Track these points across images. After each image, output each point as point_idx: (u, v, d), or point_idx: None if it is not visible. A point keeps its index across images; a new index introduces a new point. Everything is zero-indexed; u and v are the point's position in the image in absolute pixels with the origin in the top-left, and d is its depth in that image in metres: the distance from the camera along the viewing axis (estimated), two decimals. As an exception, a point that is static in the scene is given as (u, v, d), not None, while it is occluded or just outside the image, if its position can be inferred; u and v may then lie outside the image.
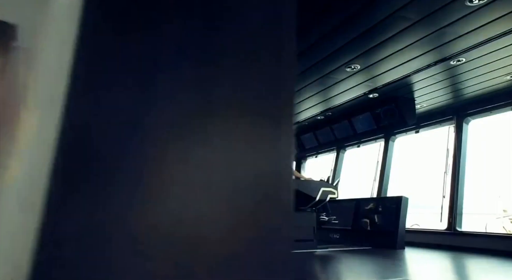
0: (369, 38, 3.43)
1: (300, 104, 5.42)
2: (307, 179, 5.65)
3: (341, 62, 3.90)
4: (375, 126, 6.48)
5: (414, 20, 3.28)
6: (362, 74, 4.30)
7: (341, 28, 3.23)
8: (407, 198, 5.94)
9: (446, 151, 6.60)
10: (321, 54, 3.74)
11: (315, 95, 4.98)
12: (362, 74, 4.30)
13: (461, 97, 5.90)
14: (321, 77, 4.34)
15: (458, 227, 5.76)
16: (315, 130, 7.82)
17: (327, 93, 4.94)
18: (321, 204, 5.58)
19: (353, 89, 4.90)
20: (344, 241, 6.56)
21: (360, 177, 9.15)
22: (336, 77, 4.35)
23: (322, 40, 3.45)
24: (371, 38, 3.43)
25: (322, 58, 3.82)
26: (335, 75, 4.28)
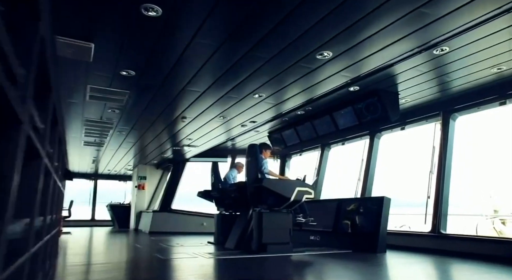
0: (339, 18, 3.05)
1: (275, 96, 5.00)
2: (282, 178, 5.26)
3: (309, 49, 3.51)
4: (357, 122, 6.11)
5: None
6: (336, 63, 3.91)
7: (305, 7, 2.83)
8: (389, 199, 5.59)
9: (432, 149, 6.26)
10: (285, 40, 3.34)
11: (289, 86, 4.58)
12: (336, 63, 3.91)
13: (448, 92, 5.56)
14: (291, 66, 3.94)
15: (442, 230, 5.42)
16: (296, 126, 7.44)
17: (301, 84, 4.55)
18: (296, 205, 5.20)
19: (330, 80, 4.51)
20: (325, 244, 6.19)
21: (345, 176, 8.78)
22: (308, 66, 3.97)
23: (285, 24, 3.06)
24: (342, 18, 3.05)
25: (288, 44, 3.42)
26: (307, 63, 3.89)
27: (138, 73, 4.13)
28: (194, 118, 6.13)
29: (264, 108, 5.64)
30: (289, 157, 10.40)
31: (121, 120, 6.22)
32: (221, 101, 5.27)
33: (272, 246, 4.97)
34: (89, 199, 15.12)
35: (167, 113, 5.87)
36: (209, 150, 9.79)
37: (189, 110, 5.73)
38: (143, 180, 12.05)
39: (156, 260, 4.57)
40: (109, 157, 10.47)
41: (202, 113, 5.89)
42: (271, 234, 5.06)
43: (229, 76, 4.31)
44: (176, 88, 4.75)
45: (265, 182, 4.90)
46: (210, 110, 5.67)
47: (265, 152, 5.56)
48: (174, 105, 5.50)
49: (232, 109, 5.66)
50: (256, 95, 4.97)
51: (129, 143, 8.36)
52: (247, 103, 5.34)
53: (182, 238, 8.21)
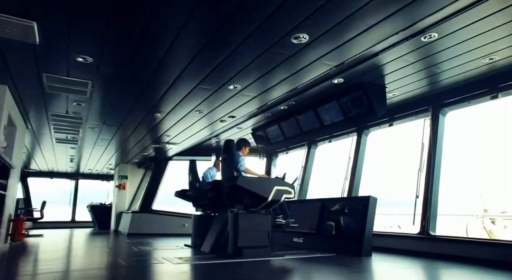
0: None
1: (253, 87, 4.60)
2: (260, 177, 4.88)
3: (282, 31, 3.13)
4: (342, 117, 5.76)
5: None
6: (315, 48, 3.53)
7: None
8: (375, 199, 5.24)
9: (421, 146, 5.94)
10: (253, 20, 2.95)
11: (266, 75, 4.18)
12: (315, 48, 3.53)
13: (437, 85, 5.23)
14: (265, 52, 3.55)
15: (431, 231, 5.09)
16: (280, 122, 7.07)
17: (280, 73, 4.16)
18: (275, 205, 4.82)
19: (310, 69, 4.13)
20: (308, 246, 5.83)
21: (333, 175, 8.44)
22: (285, 52, 3.59)
23: (252, 2, 2.67)
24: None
25: (258, 25, 3.03)
26: (282, 48, 3.50)
27: (96, 59, 3.70)
28: (169, 112, 5.72)
29: (242, 101, 5.24)
30: (276, 156, 10.04)
31: (90, 114, 5.78)
32: (195, 93, 4.87)
33: (249, 250, 4.58)
34: (70, 199, 14.57)
35: (138, 107, 5.46)
36: (192, 148, 9.42)
37: (162, 104, 5.32)
38: (124, 180, 11.58)
39: (115, 266, 4.14)
40: (87, 155, 9.99)
41: (176, 107, 5.47)
42: (248, 237, 4.68)
43: (199, 63, 3.91)
44: (143, 78, 4.34)
45: (240, 181, 4.51)
46: (184, 103, 5.27)
47: (244, 148, 5.18)
48: (143, 98, 5.09)
49: (207, 103, 5.26)
50: (231, 86, 4.58)
51: (104, 140, 7.90)
52: (222, 95, 4.94)
53: (160, 240, 7.78)
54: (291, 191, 4.73)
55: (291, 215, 6.55)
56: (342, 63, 4.00)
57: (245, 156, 5.11)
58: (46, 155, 9.90)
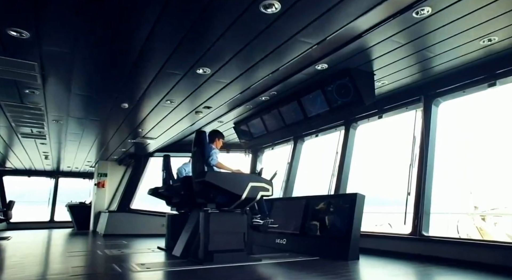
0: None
1: (224, 70, 4.08)
2: (234, 172, 4.38)
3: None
4: (327, 108, 5.29)
5: None
6: (290, 20, 3.01)
7: None
8: (363, 196, 4.78)
9: (413, 139, 5.49)
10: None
11: (238, 56, 3.66)
12: (290, 20, 3.01)
13: (429, 72, 4.78)
14: (232, 25, 3.04)
15: (424, 231, 4.65)
16: (262, 114, 6.57)
17: (252, 53, 3.64)
18: (250, 204, 4.32)
19: (287, 49, 3.60)
20: (291, 248, 5.36)
21: (321, 171, 7.96)
22: (255, 25, 3.07)
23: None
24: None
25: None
26: (251, 21, 2.99)
27: (33, 33, 3.15)
28: (136, 102, 5.18)
29: (216, 88, 4.73)
30: (261, 152, 9.57)
31: (50, 105, 5.22)
32: (162, 79, 4.34)
33: (221, 255, 4.09)
34: (49, 198, 13.91)
35: (101, 96, 4.92)
36: (175, 143, 8.92)
37: (126, 92, 4.79)
38: (103, 178, 10.99)
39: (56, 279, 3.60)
40: (61, 152, 9.39)
41: (144, 96, 4.94)
42: (220, 239, 4.18)
43: (161, 40, 3.39)
44: (98, 60, 3.80)
45: (209, 176, 4.01)
46: (151, 91, 4.73)
47: (217, 141, 4.67)
48: (104, 86, 4.55)
49: (177, 90, 4.73)
50: (200, 69, 4.06)
51: (75, 135, 7.33)
52: (192, 81, 4.42)
53: (135, 242, 7.25)
54: (268, 188, 4.24)
55: (273, 214, 6.09)
56: (324, 41, 3.50)
57: (218, 150, 4.61)
58: (17, 151, 9.28)
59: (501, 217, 12.51)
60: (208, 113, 5.91)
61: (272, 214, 6.26)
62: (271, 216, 5.69)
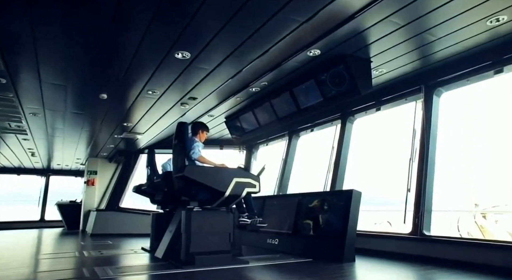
0: None
1: (205, 55, 3.71)
2: (217, 166, 4.03)
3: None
4: (321, 98, 4.93)
5: None
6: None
7: None
8: (360, 193, 4.43)
9: (413, 132, 5.14)
10: None
11: (218, 37, 3.29)
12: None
13: (430, 58, 4.43)
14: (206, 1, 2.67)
15: (426, 231, 4.30)
16: (254, 107, 6.21)
17: (234, 35, 3.27)
18: (236, 201, 3.97)
19: (274, 28, 3.24)
20: (283, 249, 5.02)
21: (317, 168, 7.61)
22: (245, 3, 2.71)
23: None
24: None
25: None
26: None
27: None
28: (115, 92, 4.81)
29: (199, 76, 4.35)
30: (256, 148, 9.21)
31: (21, 95, 4.85)
32: (138, 66, 3.98)
33: (203, 257, 3.73)
34: (39, 197, 13.54)
35: (75, 87, 4.55)
36: (165, 140, 8.60)
37: (102, 81, 4.42)
38: (93, 175, 10.62)
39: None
40: (47, 148, 9.02)
41: (122, 85, 4.59)
42: (203, 240, 3.83)
43: (127, 20, 3.03)
44: (62, 42, 3.43)
45: (187, 171, 3.66)
46: (129, 79, 4.37)
47: (201, 133, 4.31)
48: (75, 74, 4.17)
49: (157, 79, 4.37)
50: (179, 54, 3.69)
51: (57, 130, 6.97)
52: (172, 67, 4.05)
53: (122, 242, 6.91)
54: (255, 184, 3.89)
55: (265, 213, 5.75)
56: (314, 17, 3.13)
57: (202, 143, 4.26)
58: (1, 149, 8.92)
59: (502, 214, 12.26)
60: (195, 105, 5.55)
61: (264, 212, 5.92)
62: (262, 215, 5.35)
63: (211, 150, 9.63)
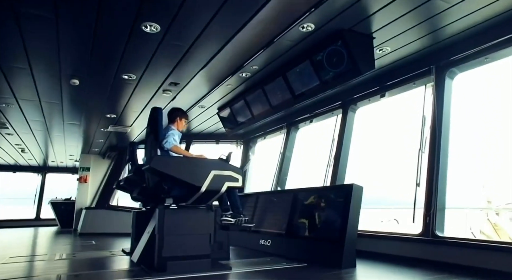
0: None
1: (178, 28, 3.16)
2: (195, 158, 3.50)
3: None
4: (317, 81, 4.37)
5: None
6: None
7: None
8: (361, 188, 3.86)
9: (422, 119, 4.55)
10: None
11: (187, 3, 2.76)
12: None
13: (443, 33, 3.84)
14: None
15: (438, 231, 3.72)
16: (246, 96, 5.67)
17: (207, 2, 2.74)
18: (215, 197, 3.43)
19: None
20: (276, 251, 4.48)
21: (319, 163, 7.04)
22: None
23: None
24: None
25: None
26: None
27: None
28: (86, 76, 4.28)
29: (176, 56, 3.81)
30: (253, 142, 8.66)
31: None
32: (104, 43, 3.45)
33: (177, 263, 3.22)
34: (35, 195, 13.20)
35: (40, 72, 4.06)
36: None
37: (67, 63, 3.90)
38: (85, 172, 10.19)
39: None
40: (35, 143, 8.61)
41: (93, 68, 4.08)
42: (178, 243, 3.31)
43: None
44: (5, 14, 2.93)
45: (155, 162, 3.14)
46: (97, 60, 3.84)
47: (179, 121, 3.79)
48: (35, 55, 3.67)
49: (128, 59, 3.84)
50: (146, 27, 3.15)
51: (38, 123, 6.51)
52: (143, 45, 3.51)
53: (107, 242, 6.45)
54: (237, 178, 3.34)
55: (257, 210, 5.22)
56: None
57: (179, 131, 3.73)
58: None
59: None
60: (179, 92, 5.02)
61: (256, 210, 5.40)
62: (254, 213, 4.83)
63: (205, 145, 9.15)
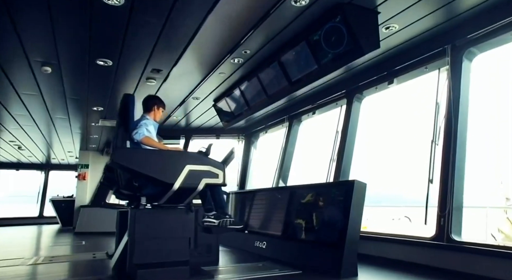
0: None
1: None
2: (167, 151, 3.06)
3: None
4: (315, 65, 3.88)
5: None
6: None
7: None
8: (364, 184, 3.35)
9: (435, 107, 4.02)
10: None
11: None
12: None
13: (460, 4, 3.30)
14: None
15: (454, 235, 3.20)
16: (240, 85, 5.22)
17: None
18: (191, 196, 2.99)
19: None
20: (271, 254, 4.03)
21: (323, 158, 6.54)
22: None
23: None
24: None
25: None
26: None
27: None
28: (57, 60, 3.84)
29: (150, 36, 3.35)
30: (256, 137, 8.22)
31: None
32: (60, 16, 3.02)
33: (149, 271, 2.80)
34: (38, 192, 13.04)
35: (4, 54, 3.67)
36: (160, 129, 7.76)
37: (31, 45, 3.49)
38: (84, 169, 9.93)
39: None
40: (30, 140, 8.34)
41: (65, 57, 3.68)
42: (152, 248, 2.89)
43: None
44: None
45: (118, 155, 2.73)
46: (63, 38, 3.42)
47: (156, 110, 3.35)
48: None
49: (99, 42, 3.42)
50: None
51: (22, 117, 6.20)
52: (110, 23, 3.08)
53: (99, 242, 6.13)
54: (217, 173, 2.89)
55: (253, 210, 4.78)
56: None
57: (156, 122, 3.31)
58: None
59: (537, 210, 10.94)
60: (164, 80, 4.60)
61: (252, 209, 4.95)
62: (251, 212, 4.39)
63: (206, 140, 8.75)
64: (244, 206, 5.12)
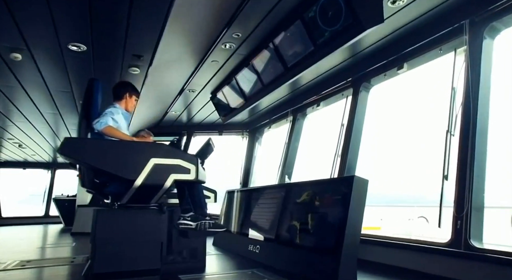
0: None
1: None
2: (128, 141, 2.66)
3: None
4: (312, 47, 3.41)
5: None
6: None
7: None
8: (365, 181, 2.87)
9: (451, 93, 3.50)
10: None
11: None
12: None
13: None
14: None
15: (474, 241, 2.69)
16: (235, 74, 4.79)
17: None
18: (159, 195, 2.58)
19: None
20: (264, 260, 3.60)
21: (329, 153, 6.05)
22: None
23: None
24: None
25: None
26: None
27: None
28: (26, 46, 3.49)
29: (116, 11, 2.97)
30: (260, 133, 7.81)
31: None
32: None
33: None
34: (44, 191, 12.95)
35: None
36: (156, 125, 7.54)
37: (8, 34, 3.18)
38: (85, 168, 9.69)
39: None
40: (27, 137, 8.15)
41: (31, 41, 3.33)
42: (117, 254, 2.51)
43: None
44: None
45: (66, 146, 2.34)
46: (31, 29, 3.10)
47: (128, 99, 2.96)
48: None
49: (62, 22, 3.05)
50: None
51: (10, 112, 5.96)
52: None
53: (88, 245, 5.78)
54: (188, 168, 2.48)
55: (251, 209, 4.36)
56: None
57: (127, 112, 2.92)
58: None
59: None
60: (148, 68, 4.21)
61: (247, 209, 4.53)
62: (246, 213, 3.97)
63: (208, 136, 8.41)
64: (238, 206, 4.70)
